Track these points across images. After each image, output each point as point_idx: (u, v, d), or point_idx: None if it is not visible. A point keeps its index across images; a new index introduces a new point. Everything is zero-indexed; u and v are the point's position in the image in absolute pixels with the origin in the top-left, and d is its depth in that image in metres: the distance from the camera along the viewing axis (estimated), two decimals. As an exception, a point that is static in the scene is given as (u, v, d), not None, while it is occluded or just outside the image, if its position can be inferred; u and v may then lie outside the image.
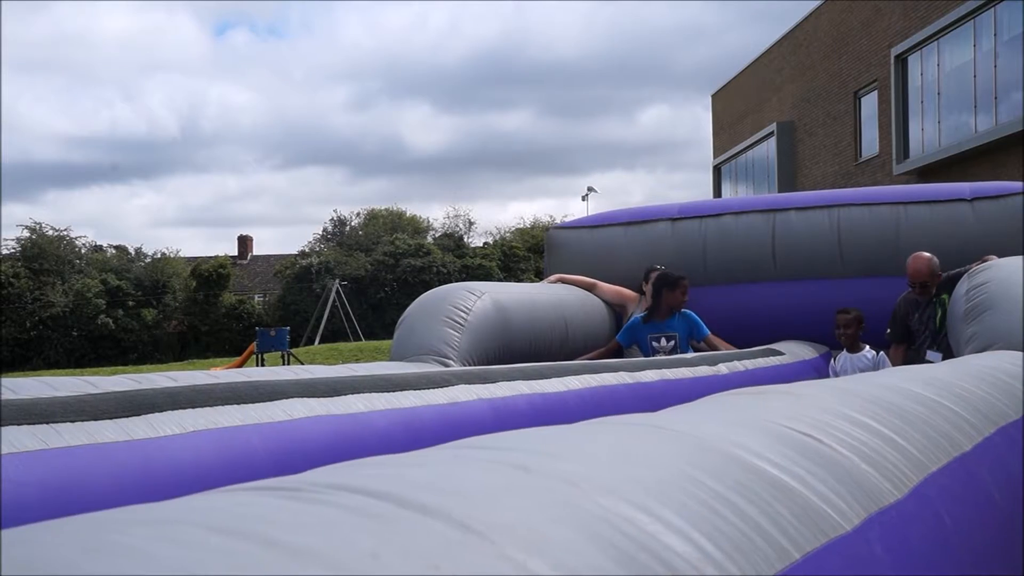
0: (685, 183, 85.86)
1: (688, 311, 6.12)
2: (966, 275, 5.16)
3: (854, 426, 1.61)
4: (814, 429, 1.49)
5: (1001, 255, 5.42)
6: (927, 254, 5.65)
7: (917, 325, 5.72)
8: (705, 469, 1.15)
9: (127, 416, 2.29)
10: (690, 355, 5.27)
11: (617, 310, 6.82)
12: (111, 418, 2.25)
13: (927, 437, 1.80)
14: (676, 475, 1.10)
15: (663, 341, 5.96)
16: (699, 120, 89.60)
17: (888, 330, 5.86)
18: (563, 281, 6.84)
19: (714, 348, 5.96)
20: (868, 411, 1.73)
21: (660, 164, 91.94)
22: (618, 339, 6.20)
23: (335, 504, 0.86)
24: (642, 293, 6.61)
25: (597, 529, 0.91)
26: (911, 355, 5.69)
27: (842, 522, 1.24)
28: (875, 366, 5.42)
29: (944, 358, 5.31)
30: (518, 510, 0.89)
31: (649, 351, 5.95)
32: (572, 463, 1.06)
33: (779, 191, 26.26)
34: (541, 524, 0.88)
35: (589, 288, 6.80)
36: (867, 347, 5.66)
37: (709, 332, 6.10)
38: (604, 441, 1.22)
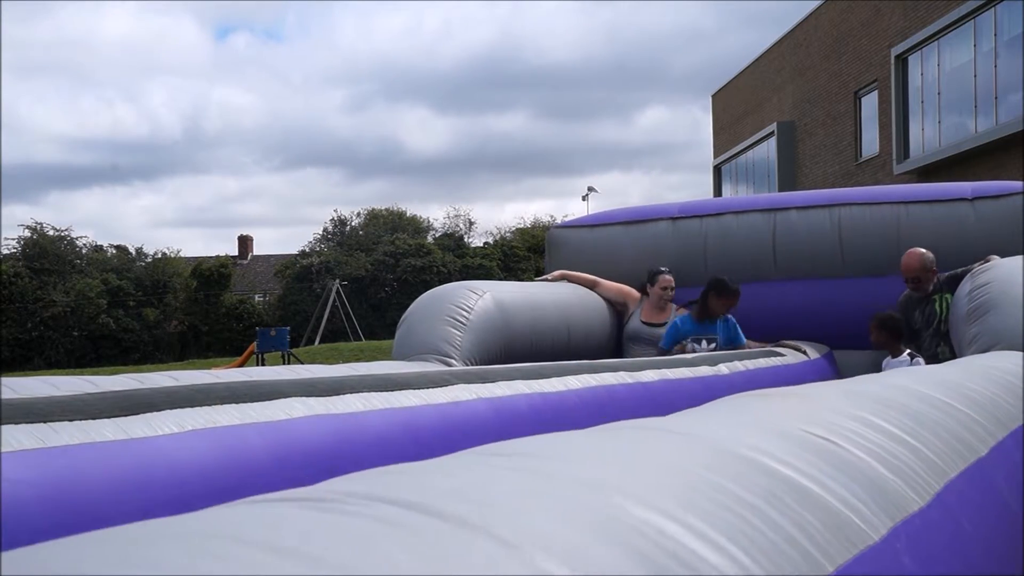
0: (682, 184, 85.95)
1: (732, 319, 6.02)
2: (968, 276, 5.15)
3: (870, 429, 1.58)
4: (832, 433, 1.46)
5: (1002, 255, 5.40)
6: (920, 249, 5.71)
7: (919, 323, 5.72)
8: (732, 476, 1.13)
9: (125, 415, 2.27)
10: (690, 355, 5.24)
11: (619, 308, 6.79)
12: (109, 417, 2.24)
13: (943, 441, 1.77)
14: (705, 483, 1.08)
15: (704, 344, 5.86)
16: (696, 122, 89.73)
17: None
18: (565, 277, 6.81)
19: None
20: (883, 414, 1.70)
21: (657, 166, 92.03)
22: (662, 347, 6.04)
23: (369, 516, 0.84)
24: (644, 293, 6.58)
25: (633, 541, 0.89)
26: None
27: (869, 532, 1.22)
28: None
29: (952, 355, 5.32)
30: (555, 523, 0.88)
31: (689, 351, 5.81)
32: (600, 471, 1.04)
33: (779, 191, 26.25)
34: (577, 537, 0.86)
35: (591, 285, 6.77)
36: (906, 352, 5.47)
37: (746, 341, 6.03)
38: (625, 448, 1.19)
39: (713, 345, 5.86)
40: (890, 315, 5.54)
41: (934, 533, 1.41)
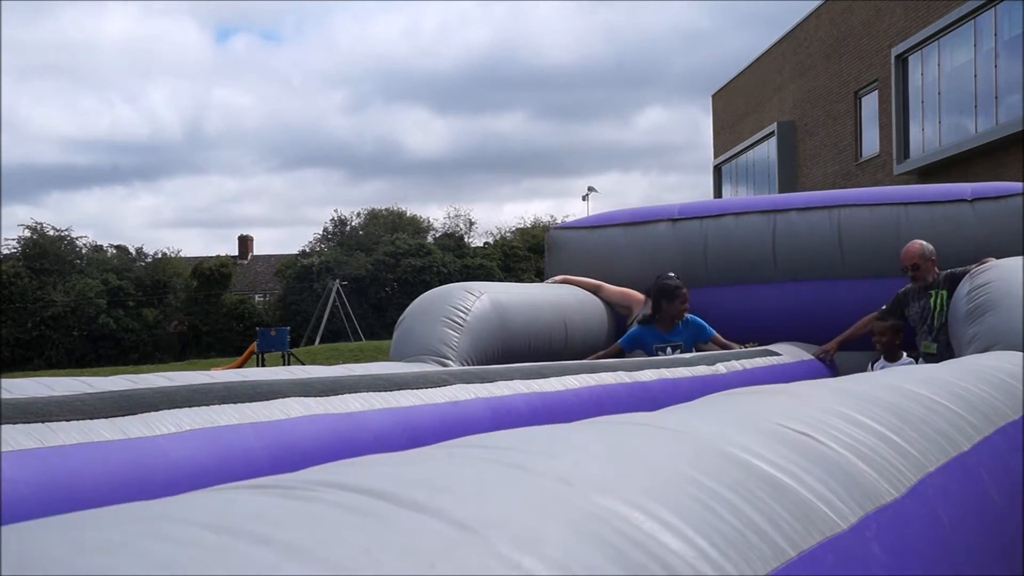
0: (680, 185, 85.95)
1: (691, 316, 6.11)
2: (968, 276, 5.16)
3: (851, 425, 1.60)
4: (811, 428, 1.49)
5: (1002, 256, 5.41)
6: (919, 240, 5.76)
7: (915, 317, 5.75)
8: (700, 467, 1.15)
9: (123, 415, 2.28)
10: (688, 355, 5.25)
11: (622, 312, 6.77)
12: (107, 417, 2.24)
13: (925, 437, 1.79)
14: (671, 473, 1.10)
15: (669, 351, 5.92)
16: (694, 123, 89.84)
17: (884, 307, 5.91)
18: (568, 282, 6.79)
19: (723, 347, 5.96)
20: (865, 410, 1.72)
21: (655, 166, 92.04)
22: (621, 343, 6.11)
23: (328, 502, 0.85)
24: (648, 296, 6.56)
25: (592, 527, 0.91)
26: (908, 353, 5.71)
27: (838, 520, 1.23)
28: None
29: (940, 351, 5.36)
30: (513, 508, 0.89)
31: None
32: (567, 462, 1.06)
33: (780, 191, 26.25)
34: (536, 522, 0.87)
35: (594, 290, 6.75)
36: (904, 355, 5.55)
37: (713, 332, 6.11)
38: (599, 440, 1.21)
39: (679, 351, 5.92)
40: (895, 322, 5.59)
41: (908, 524, 1.43)
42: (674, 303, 6.03)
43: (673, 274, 6.48)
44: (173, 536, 0.73)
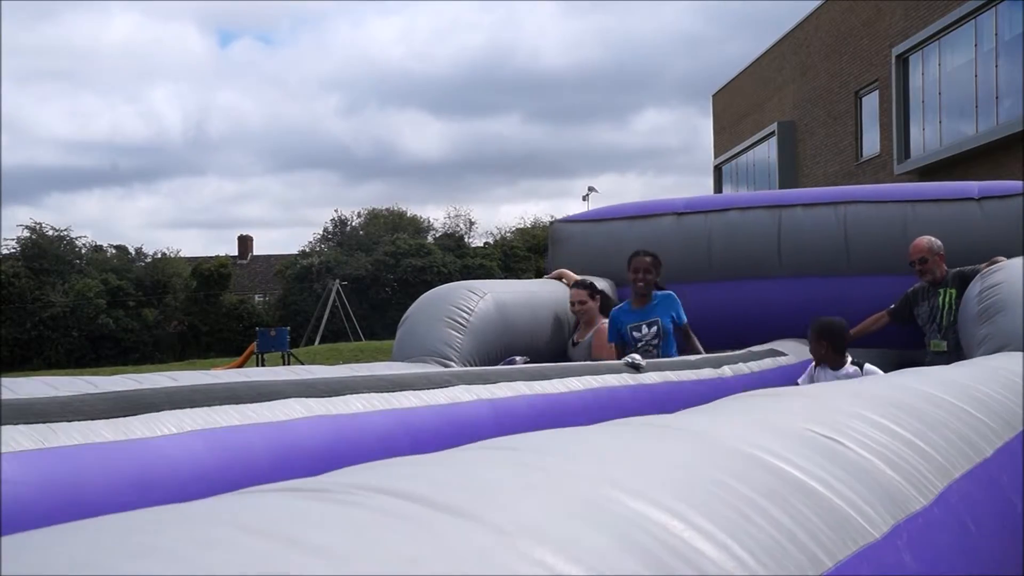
0: (677, 187, 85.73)
1: (669, 292, 5.71)
2: (978, 276, 5.12)
3: (876, 430, 1.57)
4: (837, 433, 1.46)
5: (1008, 255, 5.39)
6: (928, 236, 5.74)
7: (925, 316, 5.72)
8: (732, 472, 1.13)
9: (125, 416, 2.26)
10: (693, 357, 5.16)
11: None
12: (109, 418, 2.22)
13: (949, 442, 1.76)
14: (705, 479, 1.08)
15: (644, 329, 5.54)
16: (691, 125, 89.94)
17: (892, 305, 5.87)
18: (565, 276, 6.72)
19: (687, 338, 5.63)
20: (888, 414, 1.70)
21: (651, 168, 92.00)
22: (611, 340, 5.64)
23: (366, 506, 0.84)
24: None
25: (630, 534, 0.89)
26: (916, 354, 5.68)
27: (871, 529, 1.21)
28: None
29: (950, 349, 5.34)
30: (550, 514, 0.88)
31: (631, 342, 5.50)
32: (600, 466, 1.04)
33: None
34: (574, 529, 0.86)
35: None
36: (849, 360, 4.77)
37: (686, 320, 5.65)
38: (625, 443, 1.19)
39: (655, 328, 5.52)
40: (831, 322, 4.82)
41: (937, 532, 1.41)
42: (629, 271, 5.62)
43: (645, 251, 6.07)
44: (214, 540, 0.72)
